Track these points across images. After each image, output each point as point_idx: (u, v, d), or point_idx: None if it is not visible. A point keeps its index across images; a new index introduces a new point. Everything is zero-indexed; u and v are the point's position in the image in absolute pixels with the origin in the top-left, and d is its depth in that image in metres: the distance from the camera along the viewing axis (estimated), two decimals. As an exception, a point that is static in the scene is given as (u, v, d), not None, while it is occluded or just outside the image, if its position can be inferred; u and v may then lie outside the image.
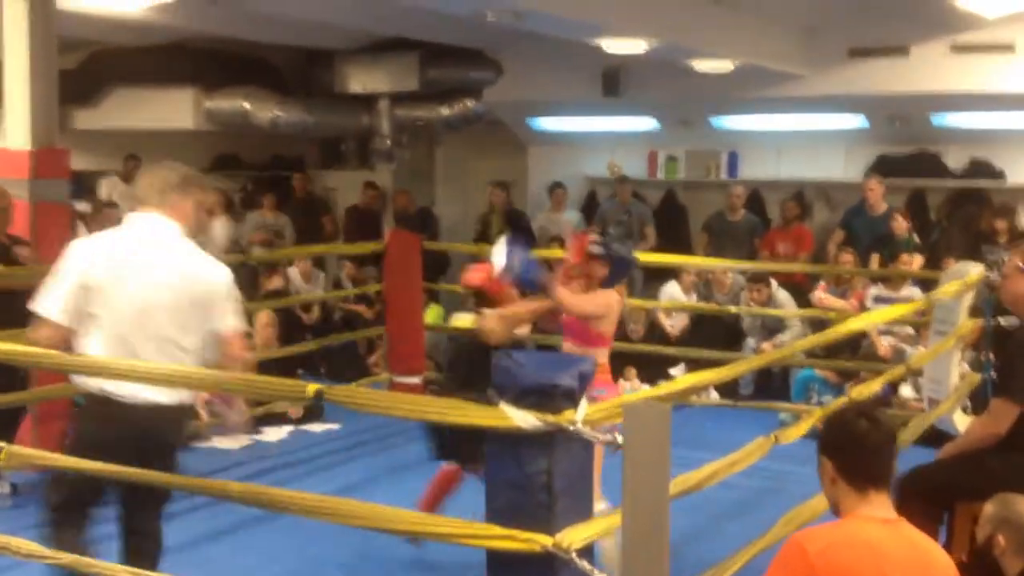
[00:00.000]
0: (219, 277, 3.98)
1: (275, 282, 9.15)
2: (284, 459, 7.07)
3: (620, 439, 2.78)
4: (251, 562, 5.27)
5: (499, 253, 4.94)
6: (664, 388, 3.57)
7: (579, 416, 3.01)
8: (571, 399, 3.06)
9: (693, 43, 8.10)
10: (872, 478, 2.73)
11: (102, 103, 10.99)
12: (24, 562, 3.70)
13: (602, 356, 4.92)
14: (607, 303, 5.00)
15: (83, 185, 10.54)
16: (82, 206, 9.93)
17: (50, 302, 3.82)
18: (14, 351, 3.89)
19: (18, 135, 6.82)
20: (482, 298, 5.13)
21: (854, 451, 2.74)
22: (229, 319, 3.96)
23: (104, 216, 7.86)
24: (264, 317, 8.19)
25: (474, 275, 5.20)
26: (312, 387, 3.18)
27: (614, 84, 9.80)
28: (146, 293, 3.81)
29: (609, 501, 4.13)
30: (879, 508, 2.73)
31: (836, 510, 2.81)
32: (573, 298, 4.95)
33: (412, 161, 11.72)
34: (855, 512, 2.73)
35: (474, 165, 12.19)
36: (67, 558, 3.58)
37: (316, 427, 7.88)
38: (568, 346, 5.05)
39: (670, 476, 2.68)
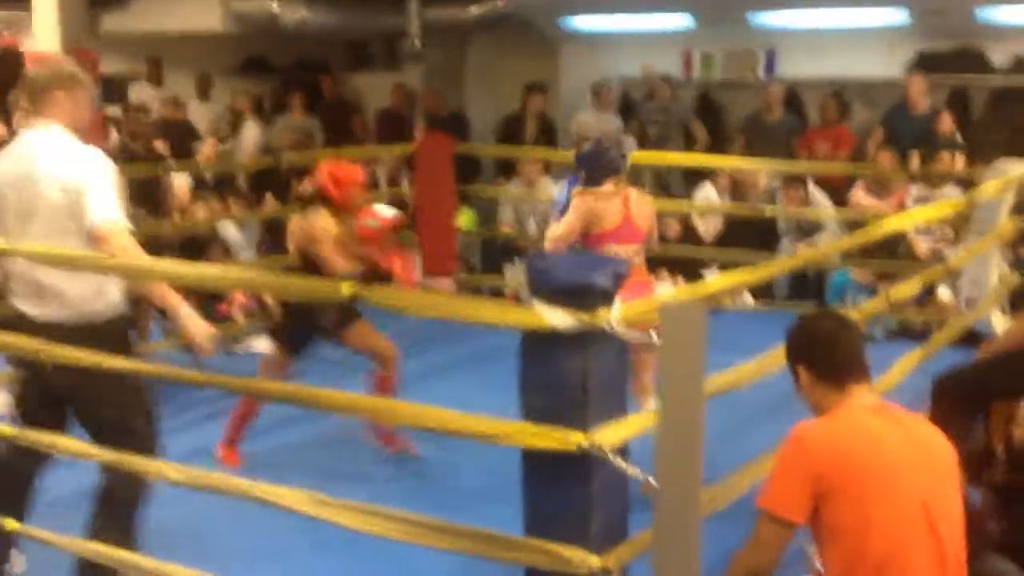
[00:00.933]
0: (80, 168, 3.62)
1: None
2: (316, 363, 7.13)
3: (656, 339, 2.77)
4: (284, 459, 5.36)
5: (560, 193, 5.00)
6: (699, 287, 3.54)
7: (613, 315, 2.99)
8: (606, 298, 3.04)
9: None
10: (850, 373, 2.84)
11: (130, 6, 10.86)
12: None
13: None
14: (574, 208, 4.96)
15: (114, 90, 10.50)
16: (113, 110, 9.92)
17: None
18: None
19: (48, 37, 6.78)
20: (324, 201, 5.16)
21: (827, 352, 2.86)
22: (97, 211, 3.56)
23: (134, 119, 7.82)
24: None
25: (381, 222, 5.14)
26: (347, 286, 3.17)
27: (648, -20, 9.55)
28: (22, 207, 3.65)
29: None
30: (864, 398, 2.84)
31: (821, 412, 2.88)
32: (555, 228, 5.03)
33: (441, 63, 11.55)
34: (842, 406, 2.82)
35: (504, 66, 12.00)
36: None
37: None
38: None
39: (704, 375, 2.67)
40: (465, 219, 8.88)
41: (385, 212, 5.16)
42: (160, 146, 8.30)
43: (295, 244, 5.18)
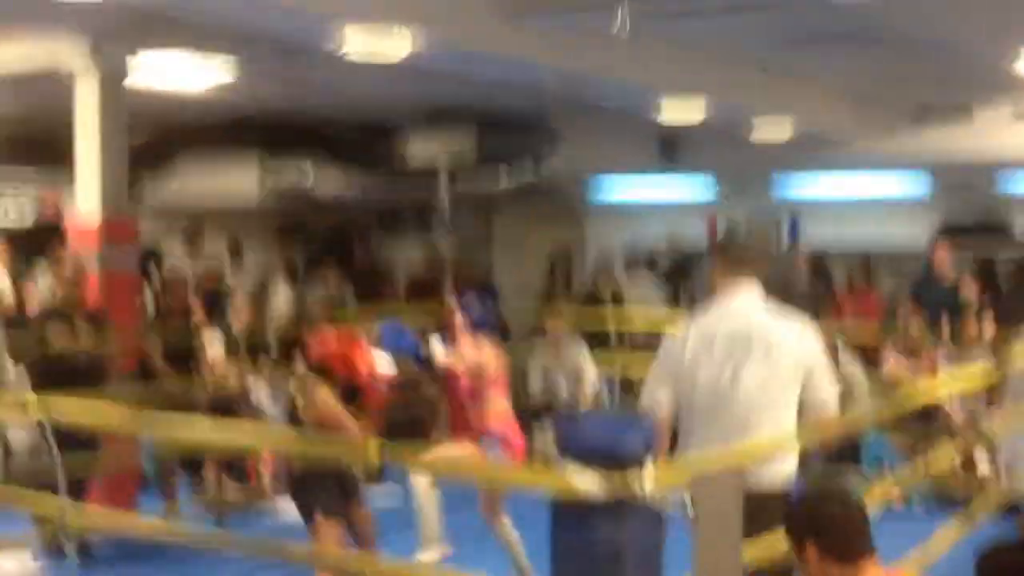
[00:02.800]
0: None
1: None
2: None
3: (689, 505, 2.72)
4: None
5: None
6: (736, 457, 3.49)
7: (647, 481, 2.95)
8: (637, 463, 3.00)
9: (751, 109, 8.11)
10: (860, 551, 2.77)
11: (172, 177, 11.25)
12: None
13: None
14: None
15: (151, 255, 10.75)
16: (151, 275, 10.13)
17: None
18: (81, 416, 3.93)
19: (89, 207, 7.00)
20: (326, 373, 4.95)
21: (836, 531, 2.78)
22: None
23: (171, 283, 7.96)
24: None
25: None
26: (375, 447, 3.16)
27: (672, 151, 9.82)
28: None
29: None
30: (875, 574, 2.77)
31: None
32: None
33: (471, 230, 11.80)
34: None
35: (532, 234, 12.24)
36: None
37: (378, 489, 7.80)
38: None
39: (741, 546, 2.61)
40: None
41: (385, 368, 5.11)
42: (195, 308, 8.43)
43: (310, 420, 5.01)
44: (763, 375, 3.61)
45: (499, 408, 5.06)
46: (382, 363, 5.12)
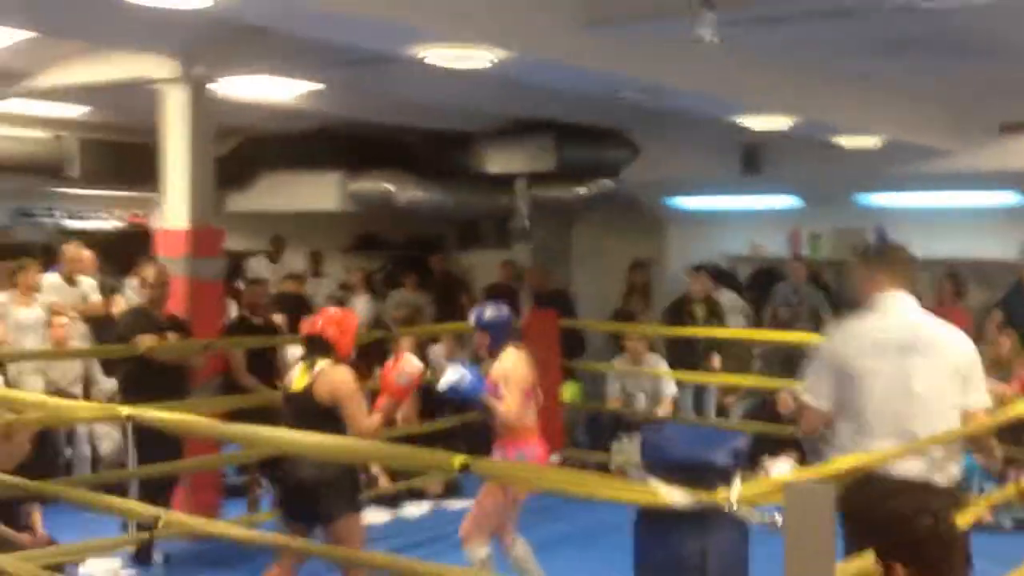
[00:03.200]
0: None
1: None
2: (425, 535, 7.05)
3: (779, 520, 2.67)
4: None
5: (454, 371, 5.15)
6: (828, 469, 3.43)
7: (734, 495, 2.90)
8: (725, 477, 2.96)
9: (838, 119, 7.95)
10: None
11: (252, 187, 11.45)
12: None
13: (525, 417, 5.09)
14: (500, 372, 5.24)
15: (233, 265, 10.95)
16: (234, 284, 10.32)
17: None
18: (168, 420, 4.00)
19: (178, 215, 7.14)
20: (326, 349, 4.99)
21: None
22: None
23: (254, 293, 8.09)
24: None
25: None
26: (458, 458, 3.15)
27: (754, 162, 9.68)
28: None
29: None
30: None
31: None
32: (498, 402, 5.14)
33: (548, 240, 11.79)
34: None
35: (610, 244, 12.18)
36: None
37: (456, 504, 7.85)
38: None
39: (835, 560, 2.55)
40: (570, 392, 8.84)
41: (414, 365, 5.04)
42: (277, 319, 8.55)
43: (319, 398, 4.91)
44: (934, 380, 3.78)
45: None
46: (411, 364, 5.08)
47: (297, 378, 4.98)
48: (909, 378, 3.77)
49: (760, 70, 6.96)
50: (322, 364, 4.90)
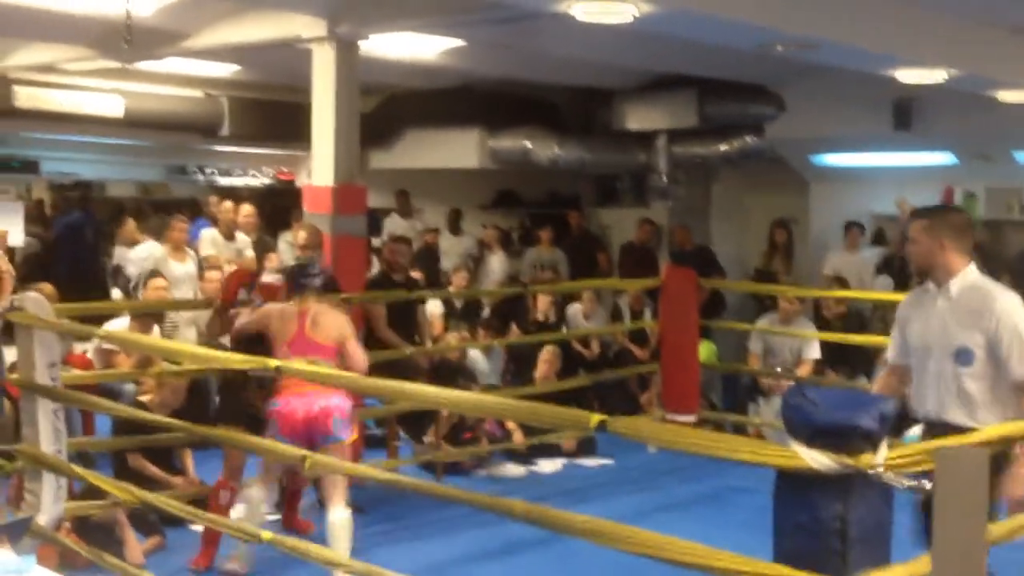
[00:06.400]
0: None
1: (541, 315, 9.30)
2: (558, 488, 7.13)
3: (928, 485, 2.59)
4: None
5: None
6: (979, 436, 3.31)
7: (880, 459, 2.83)
8: (871, 441, 2.88)
9: (997, 73, 7.56)
10: None
11: (396, 144, 11.62)
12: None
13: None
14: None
15: (374, 222, 11.18)
16: (376, 241, 10.53)
17: None
18: (311, 372, 4.11)
19: (324, 173, 7.30)
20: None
21: None
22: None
23: (394, 250, 8.23)
24: (546, 353, 8.34)
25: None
26: (595, 417, 3.16)
27: (906, 117, 9.30)
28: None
29: None
30: None
31: None
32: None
33: (688, 198, 11.62)
34: None
35: (751, 202, 11.93)
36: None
37: (589, 461, 7.90)
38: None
39: (986, 527, 2.46)
40: (705, 352, 8.74)
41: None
42: (417, 275, 8.70)
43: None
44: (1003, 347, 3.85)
45: None
46: None
47: None
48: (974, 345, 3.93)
49: (917, 21, 6.67)
50: None
